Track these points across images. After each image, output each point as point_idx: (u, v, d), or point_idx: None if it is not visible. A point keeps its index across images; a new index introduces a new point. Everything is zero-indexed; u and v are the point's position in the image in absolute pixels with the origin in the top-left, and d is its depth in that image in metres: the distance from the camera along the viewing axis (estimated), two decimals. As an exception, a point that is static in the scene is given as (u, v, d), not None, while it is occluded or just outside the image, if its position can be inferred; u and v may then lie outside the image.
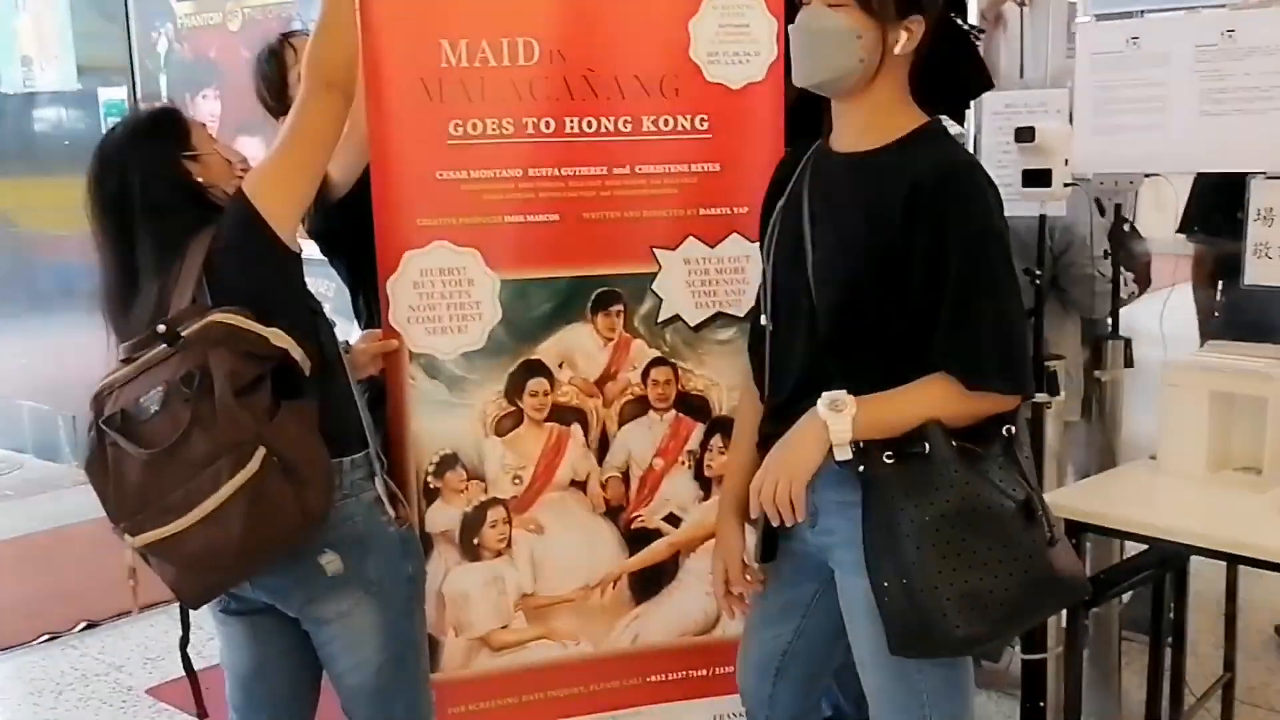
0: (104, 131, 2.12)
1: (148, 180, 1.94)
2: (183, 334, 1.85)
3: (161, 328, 1.86)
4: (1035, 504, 1.73)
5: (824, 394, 1.73)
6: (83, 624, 3.95)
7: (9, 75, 5.72)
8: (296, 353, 1.92)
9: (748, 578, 2.03)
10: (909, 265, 1.70)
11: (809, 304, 1.82)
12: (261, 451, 1.83)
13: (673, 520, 2.50)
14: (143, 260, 1.95)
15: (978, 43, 1.77)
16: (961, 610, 1.66)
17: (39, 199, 5.81)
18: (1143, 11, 2.64)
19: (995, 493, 1.70)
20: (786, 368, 1.90)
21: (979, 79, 1.84)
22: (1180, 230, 3.47)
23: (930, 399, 1.72)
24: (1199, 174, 3.06)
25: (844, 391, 1.72)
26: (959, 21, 1.74)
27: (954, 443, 1.70)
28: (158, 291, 1.93)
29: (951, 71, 1.80)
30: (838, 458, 1.72)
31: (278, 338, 1.89)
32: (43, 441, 5.97)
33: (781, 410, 1.88)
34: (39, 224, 5.87)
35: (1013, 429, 1.76)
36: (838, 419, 1.71)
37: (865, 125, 1.79)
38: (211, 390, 1.82)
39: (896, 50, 1.72)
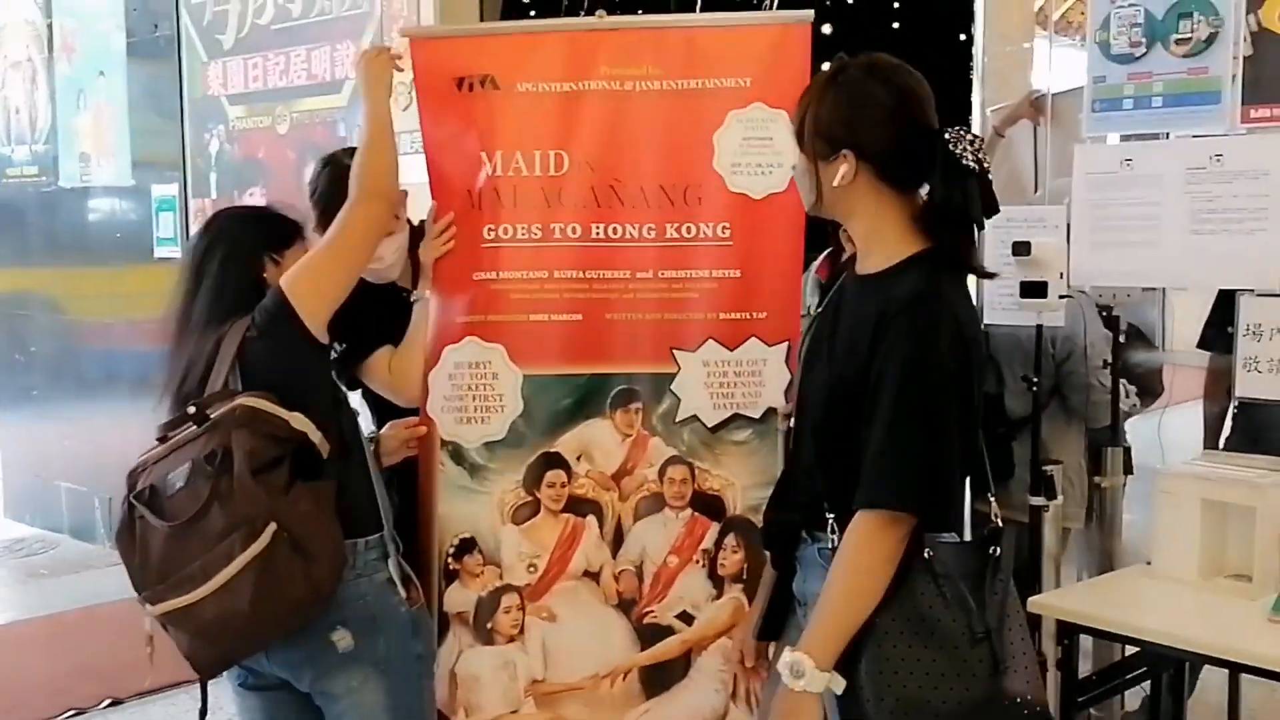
0: (154, 225, 2.29)
1: (230, 254, 2.10)
2: (211, 415, 1.97)
3: (192, 409, 1.99)
4: (976, 625, 1.72)
5: (783, 662, 1.72)
6: (107, 700, 3.99)
7: (68, 170, 5.93)
8: (315, 436, 2.02)
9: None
10: (871, 391, 1.73)
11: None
12: (272, 527, 1.93)
13: (685, 618, 2.53)
14: (196, 316, 2.08)
15: (983, 166, 1.81)
16: (894, 713, 1.69)
17: (89, 288, 5.96)
18: (1168, 134, 2.67)
19: (953, 610, 1.72)
20: (796, 464, 1.98)
21: (988, 206, 1.80)
22: (1200, 345, 3.48)
23: (847, 570, 1.71)
24: (1220, 290, 3.07)
25: (796, 656, 1.70)
26: (958, 152, 1.77)
27: (926, 552, 1.72)
28: (197, 377, 2.04)
29: (956, 199, 1.77)
30: (838, 691, 1.71)
31: (298, 421, 2.00)
32: (79, 522, 6.05)
33: (782, 500, 1.99)
34: (88, 312, 6.02)
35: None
36: (813, 681, 1.70)
37: (864, 250, 1.87)
38: (231, 467, 1.93)
39: (834, 183, 1.80)
